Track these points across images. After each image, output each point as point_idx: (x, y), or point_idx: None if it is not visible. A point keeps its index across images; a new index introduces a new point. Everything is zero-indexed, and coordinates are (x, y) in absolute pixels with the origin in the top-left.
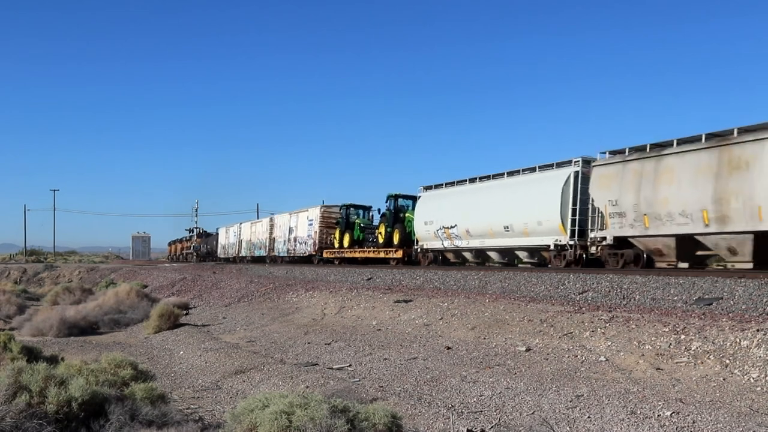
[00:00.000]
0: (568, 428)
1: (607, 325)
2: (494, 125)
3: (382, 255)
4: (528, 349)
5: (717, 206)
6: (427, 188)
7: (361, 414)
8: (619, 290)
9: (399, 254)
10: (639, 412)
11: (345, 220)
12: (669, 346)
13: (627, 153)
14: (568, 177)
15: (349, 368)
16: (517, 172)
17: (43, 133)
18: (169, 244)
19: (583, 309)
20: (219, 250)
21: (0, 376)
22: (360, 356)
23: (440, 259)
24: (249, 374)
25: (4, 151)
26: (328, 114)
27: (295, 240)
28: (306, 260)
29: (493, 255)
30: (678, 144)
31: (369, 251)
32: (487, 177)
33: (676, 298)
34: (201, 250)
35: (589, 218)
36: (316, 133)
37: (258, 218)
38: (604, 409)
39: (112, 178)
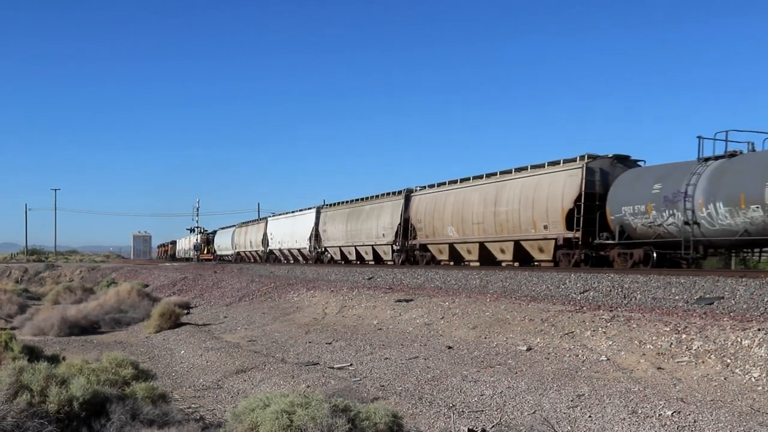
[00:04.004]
0: (569, 428)
1: (608, 324)
2: (494, 125)
3: (209, 257)
4: (529, 349)
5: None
6: (221, 228)
7: (362, 413)
8: (620, 289)
9: (212, 257)
10: (640, 411)
11: (207, 239)
12: (670, 346)
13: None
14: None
15: (350, 367)
16: (251, 221)
17: (43, 133)
18: (158, 247)
19: (584, 308)
20: (176, 254)
21: (1, 375)
22: (361, 355)
23: (223, 258)
24: (250, 374)
25: (4, 151)
26: (328, 114)
27: (194, 248)
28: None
29: (228, 259)
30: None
31: (208, 255)
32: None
33: (677, 297)
34: (170, 252)
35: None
36: (316, 132)
37: (258, 218)
38: (605, 409)
39: (112, 177)
